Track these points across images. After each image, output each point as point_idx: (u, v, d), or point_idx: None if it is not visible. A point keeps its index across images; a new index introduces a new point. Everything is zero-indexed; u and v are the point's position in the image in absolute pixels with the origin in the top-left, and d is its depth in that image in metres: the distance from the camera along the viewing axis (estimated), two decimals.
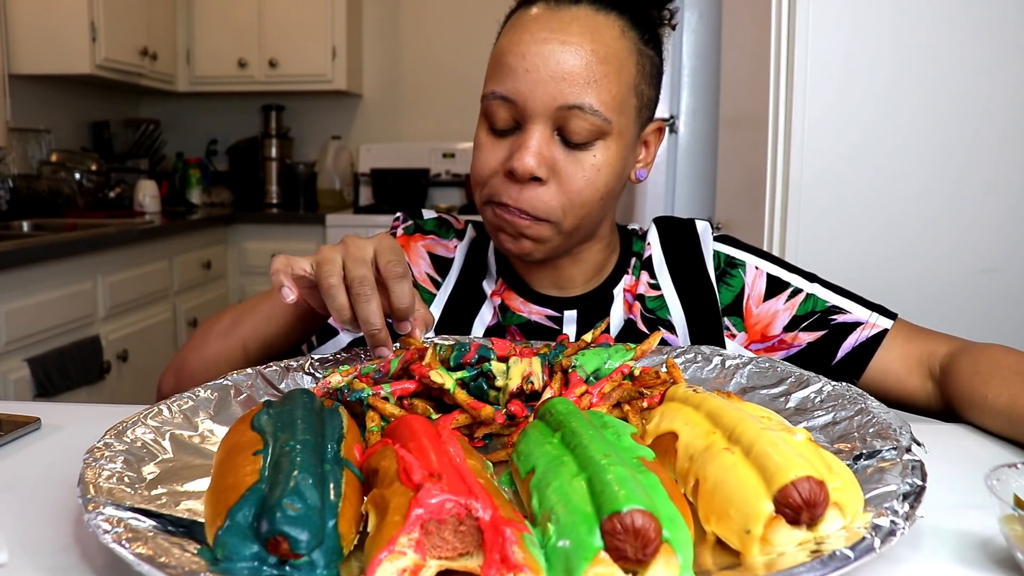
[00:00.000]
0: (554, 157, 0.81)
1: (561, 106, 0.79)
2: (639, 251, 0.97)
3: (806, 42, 1.54)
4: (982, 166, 1.52)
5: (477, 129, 0.87)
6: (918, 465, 0.52)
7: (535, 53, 0.80)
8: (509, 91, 0.81)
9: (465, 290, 0.96)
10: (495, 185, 0.84)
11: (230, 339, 0.88)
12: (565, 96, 0.79)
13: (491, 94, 0.82)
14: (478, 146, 0.86)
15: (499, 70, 0.82)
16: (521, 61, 0.80)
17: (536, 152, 0.80)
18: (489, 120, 0.84)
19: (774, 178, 1.60)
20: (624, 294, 0.94)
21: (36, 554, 0.50)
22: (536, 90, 0.79)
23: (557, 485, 0.47)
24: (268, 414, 0.56)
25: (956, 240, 1.55)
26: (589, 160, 0.82)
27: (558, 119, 0.80)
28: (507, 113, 0.82)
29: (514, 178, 0.81)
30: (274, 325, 0.86)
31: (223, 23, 3.92)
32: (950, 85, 1.51)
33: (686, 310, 0.93)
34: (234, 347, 0.88)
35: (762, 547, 0.46)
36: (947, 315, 1.53)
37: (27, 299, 2.36)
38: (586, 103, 0.79)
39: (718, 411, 0.56)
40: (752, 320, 0.93)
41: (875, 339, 0.89)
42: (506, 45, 0.82)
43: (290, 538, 0.43)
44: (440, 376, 0.65)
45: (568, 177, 0.81)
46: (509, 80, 0.81)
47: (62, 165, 3.37)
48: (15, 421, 0.73)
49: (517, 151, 0.81)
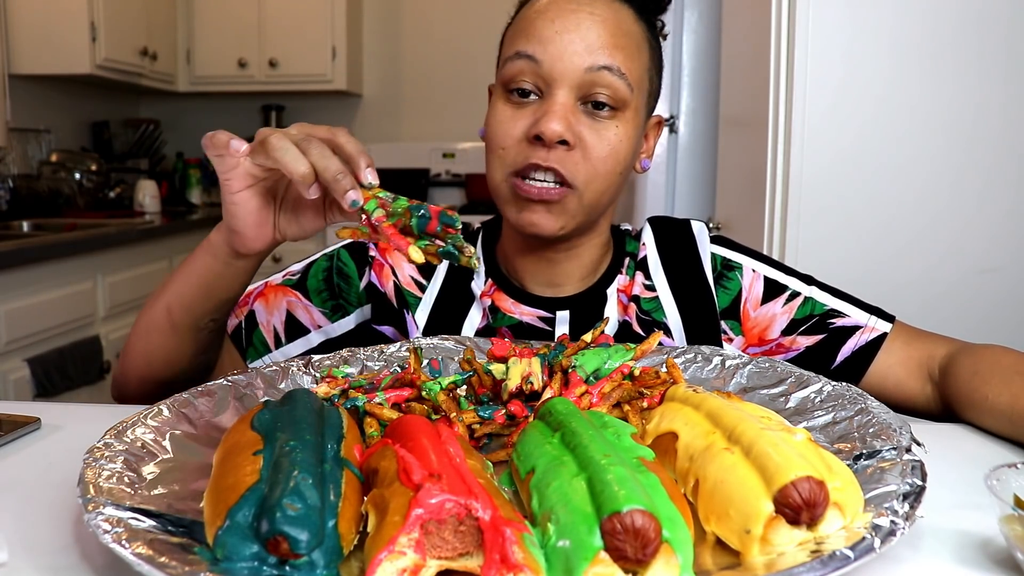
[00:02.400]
0: (580, 124, 0.82)
1: (589, 67, 0.80)
2: (633, 251, 0.96)
3: (806, 42, 1.54)
4: (981, 166, 1.52)
5: (493, 100, 0.87)
6: (918, 465, 0.52)
7: (566, 18, 0.81)
8: (536, 51, 0.81)
9: (452, 292, 0.94)
10: (520, 152, 0.83)
11: (156, 305, 0.82)
12: (594, 58, 0.81)
13: (516, 54, 0.82)
14: (497, 117, 0.85)
15: (526, 34, 0.83)
16: (551, 24, 0.81)
17: (563, 116, 0.81)
18: (509, 84, 0.84)
19: (774, 178, 1.60)
20: (618, 294, 0.93)
21: (36, 554, 0.50)
22: (566, 52, 0.80)
23: (557, 485, 0.47)
24: (268, 414, 0.56)
25: (956, 240, 1.55)
26: (612, 131, 0.83)
27: (584, 84, 0.81)
28: (531, 76, 0.82)
29: (541, 143, 0.81)
30: (192, 282, 0.78)
31: (223, 23, 3.92)
32: (949, 85, 1.51)
33: (682, 313, 0.92)
34: (159, 312, 0.81)
35: (762, 547, 0.46)
36: (947, 315, 1.53)
37: (27, 299, 2.36)
38: (614, 65, 0.81)
39: (718, 411, 0.56)
40: (750, 324, 0.92)
41: (874, 343, 0.88)
42: (532, 14, 0.84)
43: (290, 538, 0.43)
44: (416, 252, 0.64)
45: (592, 145, 0.82)
46: (536, 41, 0.82)
47: (62, 165, 3.37)
48: (15, 421, 0.73)
49: (543, 116, 0.81)
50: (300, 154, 0.64)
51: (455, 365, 0.81)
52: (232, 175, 0.70)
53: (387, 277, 0.95)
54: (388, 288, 0.95)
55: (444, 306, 0.94)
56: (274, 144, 0.65)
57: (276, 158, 0.64)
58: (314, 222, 0.75)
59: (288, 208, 0.74)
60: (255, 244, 0.74)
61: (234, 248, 0.74)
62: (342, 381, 0.70)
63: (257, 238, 0.74)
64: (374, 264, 0.95)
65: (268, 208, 0.73)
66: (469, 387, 0.73)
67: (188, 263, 0.79)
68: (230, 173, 0.70)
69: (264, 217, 0.73)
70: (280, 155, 0.64)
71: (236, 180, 0.70)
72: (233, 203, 0.71)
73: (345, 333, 0.96)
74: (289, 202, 0.74)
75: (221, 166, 0.69)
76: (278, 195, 0.74)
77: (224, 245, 0.75)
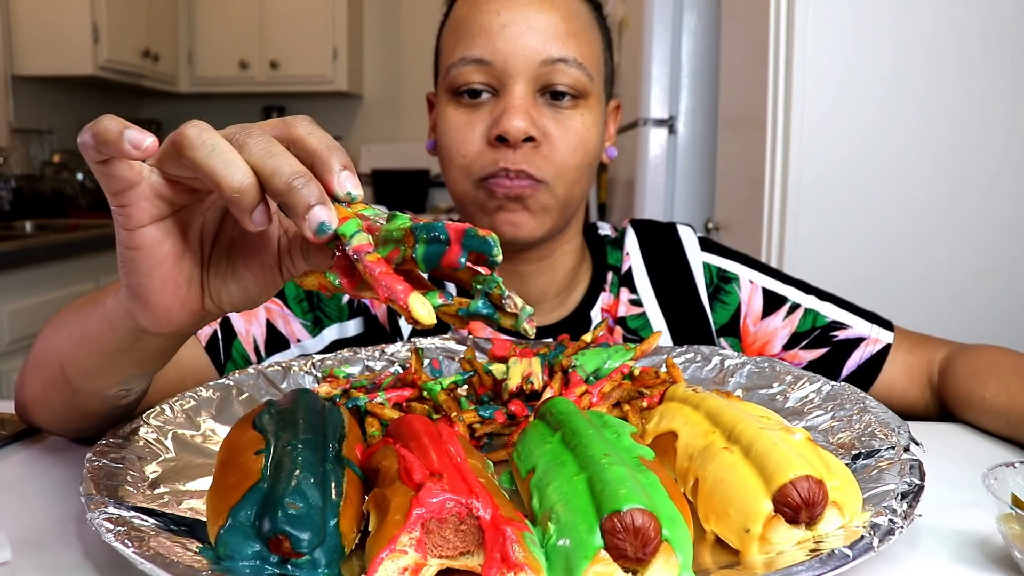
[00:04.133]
0: (543, 118, 0.77)
1: (545, 60, 0.75)
2: (615, 264, 0.91)
3: (805, 43, 1.54)
4: (981, 167, 1.52)
5: (443, 109, 0.79)
6: (916, 464, 0.52)
7: (511, 8, 0.75)
8: (485, 52, 0.75)
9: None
10: (483, 157, 0.77)
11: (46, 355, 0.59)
12: (549, 50, 0.75)
13: (461, 60, 0.77)
14: (450, 125, 0.78)
15: (467, 34, 0.77)
16: (495, 18, 0.75)
17: (524, 111, 0.75)
18: (457, 92, 0.78)
19: (773, 179, 1.60)
20: (603, 315, 0.88)
21: (39, 553, 0.50)
22: (517, 46, 0.75)
23: (557, 484, 0.47)
24: (270, 413, 0.56)
25: (955, 241, 1.55)
26: (577, 121, 0.78)
27: (540, 76, 0.76)
28: (481, 78, 0.76)
29: (506, 143, 0.75)
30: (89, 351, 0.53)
31: (224, 24, 3.93)
32: (949, 86, 1.51)
33: (672, 329, 0.88)
34: (52, 367, 0.58)
35: (761, 546, 0.46)
36: (947, 316, 1.53)
37: (30, 299, 2.37)
38: (570, 56, 0.76)
39: (717, 411, 0.56)
40: (750, 339, 0.90)
41: (879, 356, 0.86)
42: (471, 9, 0.77)
43: (292, 537, 0.43)
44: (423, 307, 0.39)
45: (558, 139, 0.77)
46: (483, 41, 0.75)
47: (64, 166, 3.37)
48: (18, 421, 0.73)
49: (503, 115, 0.75)
50: (234, 153, 0.41)
51: (456, 365, 0.81)
52: (130, 198, 0.42)
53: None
54: (380, 311, 0.87)
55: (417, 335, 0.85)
56: (192, 139, 0.40)
57: (196, 160, 0.40)
58: (262, 277, 0.48)
59: (221, 256, 0.48)
60: (171, 318, 0.47)
61: (138, 324, 0.47)
62: (343, 381, 0.70)
63: (175, 308, 0.46)
64: None
65: (189, 258, 0.46)
66: (470, 387, 0.73)
67: (81, 319, 0.54)
68: (129, 195, 0.42)
69: (184, 272, 0.46)
70: (202, 156, 0.40)
71: (137, 207, 0.43)
72: (134, 248, 0.44)
73: (322, 350, 0.86)
74: (223, 246, 0.48)
75: (112, 182, 0.42)
76: (204, 235, 0.47)
77: (124, 317, 0.48)
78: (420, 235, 0.39)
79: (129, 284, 0.45)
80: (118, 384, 0.56)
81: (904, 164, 1.54)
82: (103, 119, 0.40)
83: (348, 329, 0.88)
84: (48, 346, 0.59)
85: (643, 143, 2.35)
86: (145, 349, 0.51)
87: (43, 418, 0.64)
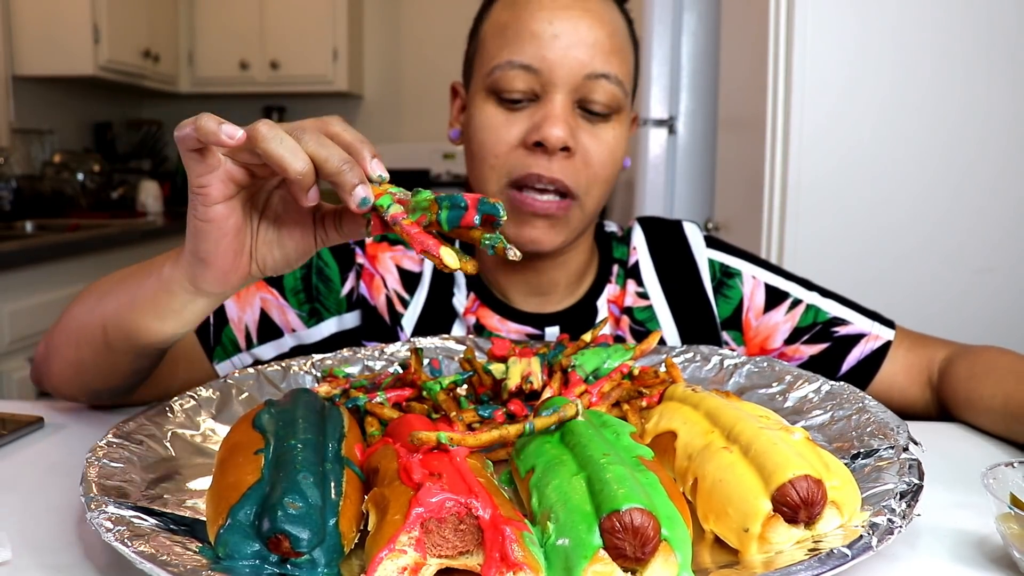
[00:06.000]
0: (579, 130, 0.79)
1: (589, 74, 0.77)
2: (622, 257, 0.92)
3: (804, 43, 1.54)
4: (981, 168, 1.52)
5: (479, 105, 0.81)
6: (915, 464, 0.52)
7: (563, 18, 0.77)
8: (534, 60, 0.77)
9: (435, 309, 0.88)
10: (517, 160, 0.78)
11: (88, 317, 0.69)
12: (594, 64, 0.77)
13: (508, 63, 0.78)
14: (487, 123, 0.80)
15: (516, 38, 0.78)
16: (548, 27, 0.77)
17: (564, 120, 0.77)
18: (500, 93, 0.79)
19: (772, 180, 1.60)
20: (609, 306, 0.90)
21: (39, 552, 0.50)
22: (566, 56, 0.77)
23: (556, 484, 0.47)
24: (270, 413, 0.56)
25: (955, 241, 1.55)
26: (609, 134, 0.80)
27: (581, 88, 0.78)
28: (525, 83, 0.78)
29: (543, 150, 0.77)
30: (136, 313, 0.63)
31: (225, 25, 3.93)
32: (949, 87, 1.51)
33: (679, 322, 0.89)
34: (93, 327, 0.68)
35: (760, 545, 0.46)
36: (946, 315, 1.53)
37: (30, 299, 2.37)
38: (612, 73, 0.78)
39: (717, 410, 0.56)
40: (751, 333, 0.91)
41: (879, 352, 0.87)
42: (522, 13, 0.78)
43: (291, 536, 0.43)
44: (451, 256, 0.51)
45: (592, 151, 0.79)
46: (532, 48, 0.77)
47: (65, 166, 3.37)
48: (18, 420, 0.73)
49: (544, 121, 0.77)
50: (297, 145, 0.51)
51: (455, 365, 0.81)
52: (210, 179, 0.53)
53: (378, 289, 0.88)
54: (380, 302, 0.88)
55: (427, 324, 0.88)
56: (264, 133, 0.50)
57: (268, 151, 0.50)
58: (301, 244, 0.59)
59: (268, 228, 0.58)
60: (228, 279, 0.57)
61: (198, 285, 0.58)
62: (343, 381, 0.71)
63: (231, 271, 0.57)
64: (363, 273, 0.89)
65: (246, 229, 0.57)
66: (469, 386, 0.73)
67: (131, 286, 0.64)
68: (209, 177, 0.53)
69: (242, 242, 0.57)
70: (274, 147, 0.50)
71: (216, 187, 0.53)
72: (207, 221, 0.54)
73: (320, 341, 0.88)
74: (270, 219, 0.58)
75: (200, 167, 0.53)
76: (257, 210, 0.58)
77: (184, 281, 0.58)
78: (444, 203, 0.51)
79: (197, 251, 0.56)
80: (155, 345, 0.65)
81: (903, 164, 1.54)
82: (202, 116, 0.51)
83: (347, 321, 0.90)
84: (89, 312, 0.69)
85: (643, 143, 2.35)
86: (194, 310, 0.61)
87: (66, 377, 0.74)
